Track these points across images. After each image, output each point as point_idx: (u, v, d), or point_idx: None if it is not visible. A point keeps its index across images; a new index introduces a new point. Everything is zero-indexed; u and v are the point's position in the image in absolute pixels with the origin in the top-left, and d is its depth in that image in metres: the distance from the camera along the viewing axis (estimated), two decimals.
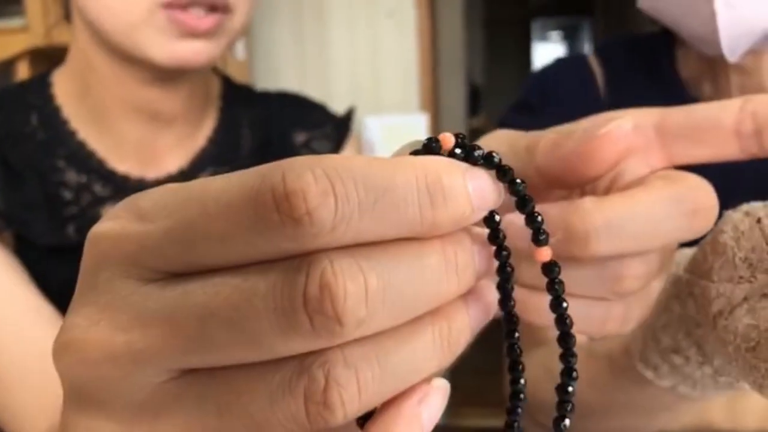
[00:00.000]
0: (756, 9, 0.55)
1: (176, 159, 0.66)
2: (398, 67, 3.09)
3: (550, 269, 0.21)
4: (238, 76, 1.16)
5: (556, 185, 0.27)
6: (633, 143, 0.25)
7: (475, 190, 0.18)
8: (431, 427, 0.19)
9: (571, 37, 6.25)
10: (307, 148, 0.71)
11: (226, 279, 0.17)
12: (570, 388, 0.21)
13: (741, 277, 0.27)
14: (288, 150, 0.70)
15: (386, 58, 3.10)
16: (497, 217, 0.20)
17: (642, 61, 0.69)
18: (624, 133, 0.25)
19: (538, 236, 0.20)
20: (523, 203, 0.20)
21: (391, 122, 2.93)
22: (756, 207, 0.27)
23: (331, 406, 0.17)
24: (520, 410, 0.22)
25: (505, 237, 0.20)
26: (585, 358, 0.46)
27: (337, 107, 0.77)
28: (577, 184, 0.26)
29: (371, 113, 2.99)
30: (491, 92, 4.64)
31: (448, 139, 0.19)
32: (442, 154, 0.19)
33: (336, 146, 0.73)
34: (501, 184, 0.19)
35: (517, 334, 0.22)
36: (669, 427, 0.47)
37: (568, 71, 0.71)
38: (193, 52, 0.57)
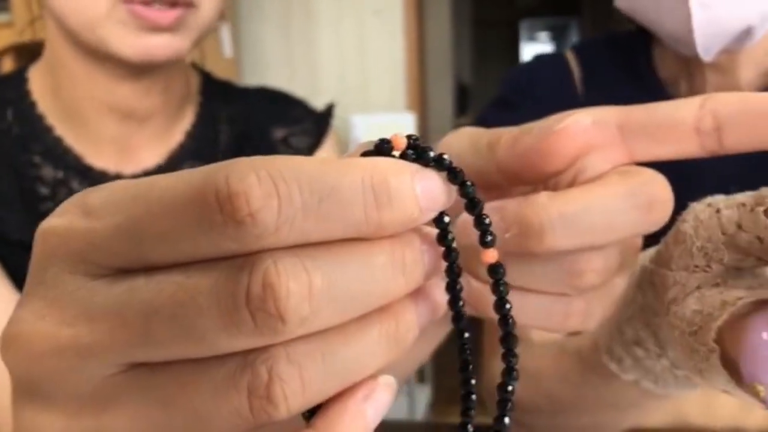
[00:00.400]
0: (730, 9, 0.56)
1: (154, 154, 0.66)
2: (386, 66, 3.10)
3: (495, 270, 0.21)
4: (225, 73, 1.15)
5: (517, 181, 0.27)
6: (591, 139, 0.26)
7: (423, 191, 0.18)
8: (376, 423, 0.19)
9: (558, 38, 6.27)
10: (286, 144, 0.71)
11: (171, 277, 0.17)
12: (510, 387, 0.21)
13: (696, 266, 0.28)
14: (266, 146, 0.70)
15: (374, 56, 3.10)
16: (446, 218, 0.20)
17: (619, 60, 0.69)
18: (581, 128, 0.25)
19: (485, 238, 0.20)
20: (473, 205, 0.20)
21: (379, 121, 2.93)
22: (718, 199, 0.28)
23: (274, 401, 0.17)
24: (472, 411, 0.22)
25: (453, 238, 0.20)
26: (557, 354, 0.47)
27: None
28: (536, 179, 0.27)
29: (359, 112, 2.98)
30: (480, 92, 4.65)
31: (400, 140, 0.19)
32: (393, 156, 0.19)
33: (315, 142, 0.72)
34: (452, 186, 0.20)
35: (467, 335, 0.22)
36: (639, 425, 0.48)
37: (546, 68, 0.72)
38: (158, 46, 0.56)
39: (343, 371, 0.18)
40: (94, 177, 0.63)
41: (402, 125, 2.96)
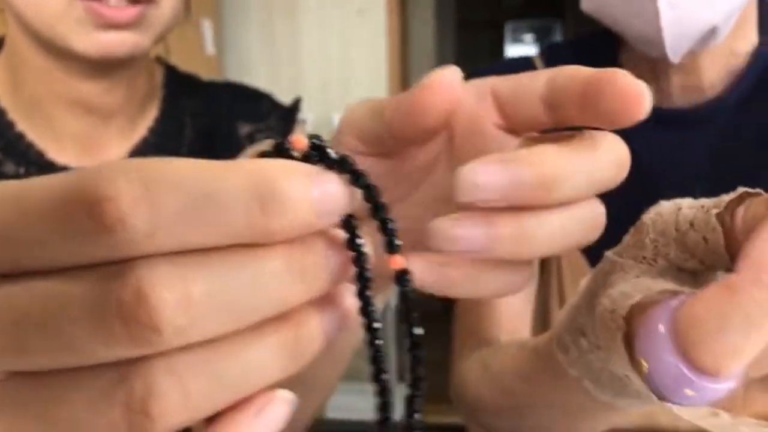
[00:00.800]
0: (697, 9, 0.56)
1: (117, 149, 0.65)
2: (368, 66, 3.09)
3: (402, 277, 0.20)
4: (207, 71, 1.14)
5: (406, 142, 0.27)
6: (458, 93, 0.25)
7: (321, 195, 0.18)
8: None
9: (543, 39, 6.29)
10: (252, 141, 0.71)
11: (45, 283, 0.17)
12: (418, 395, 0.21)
13: (644, 258, 0.28)
14: (232, 142, 0.70)
15: (356, 56, 3.10)
16: (354, 222, 0.19)
17: (586, 62, 0.70)
18: (447, 81, 0.25)
19: (392, 244, 0.20)
20: (377, 209, 0.20)
21: None
22: (685, 200, 0.28)
23: (151, 415, 0.16)
24: (389, 421, 0.22)
25: (363, 242, 0.19)
26: (518, 350, 0.47)
27: (307, 104, 0.76)
28: (420, 137, 0.26)
29: (341, 111, 2.98)
30: None
31: (301, 141, 0.18)
32: (294, 157, 0.18)
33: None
34: (355, 189, 0.19)
35: (380, 342, 0.21)
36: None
37: (511, 72, 0.72)
38: (117, 42, 0.56)
39: (233, 384, 0.17)
40: (56, 172, 0.62)
41: None
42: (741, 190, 0.26)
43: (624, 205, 0.68)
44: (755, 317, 0.20)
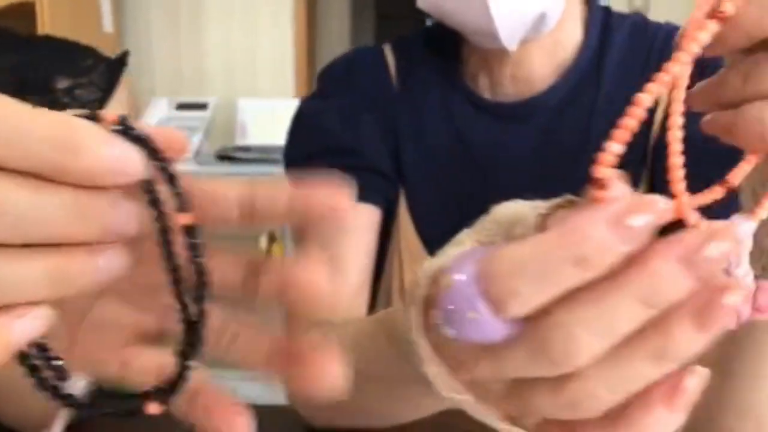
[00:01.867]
0: None
1: None
2: (274, 52, 3.04)
3: (189, 231, 0.24)
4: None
5: None
6: None
7: (114, 154, 0.21)
8: (19, 342, 0.21)
9: None
10: (71, 96, 0.70)
11: None
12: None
13: (481, 242, 0.31)
14: (48, 96, 0.69)
15: (262, 40, 3.04)
16: (153, 186, 0.23)
17: (431, 55, 0.71)
18: None
19: (180, 204, 0.23)
20: (171, 178, 0.23)
21: (265, 106, 2.88)
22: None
23: None
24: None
25: (161, 205, 0.23)
26: (360, 322, 0.49)
27: (212, 88, 0.75)
28: None
29: (245, 96, 2.92)
30: None
31: (111, 116, 0.22)
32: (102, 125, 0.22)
33: (103, 95, 0.72)
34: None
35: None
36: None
37: (362, 60, 0.73)
38: None
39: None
40: None
41: (289, 111, 2.91)
42: (568, 197, 0.28)
43: (456, 191, 0.70)
44: (548, 270, 0.22)
